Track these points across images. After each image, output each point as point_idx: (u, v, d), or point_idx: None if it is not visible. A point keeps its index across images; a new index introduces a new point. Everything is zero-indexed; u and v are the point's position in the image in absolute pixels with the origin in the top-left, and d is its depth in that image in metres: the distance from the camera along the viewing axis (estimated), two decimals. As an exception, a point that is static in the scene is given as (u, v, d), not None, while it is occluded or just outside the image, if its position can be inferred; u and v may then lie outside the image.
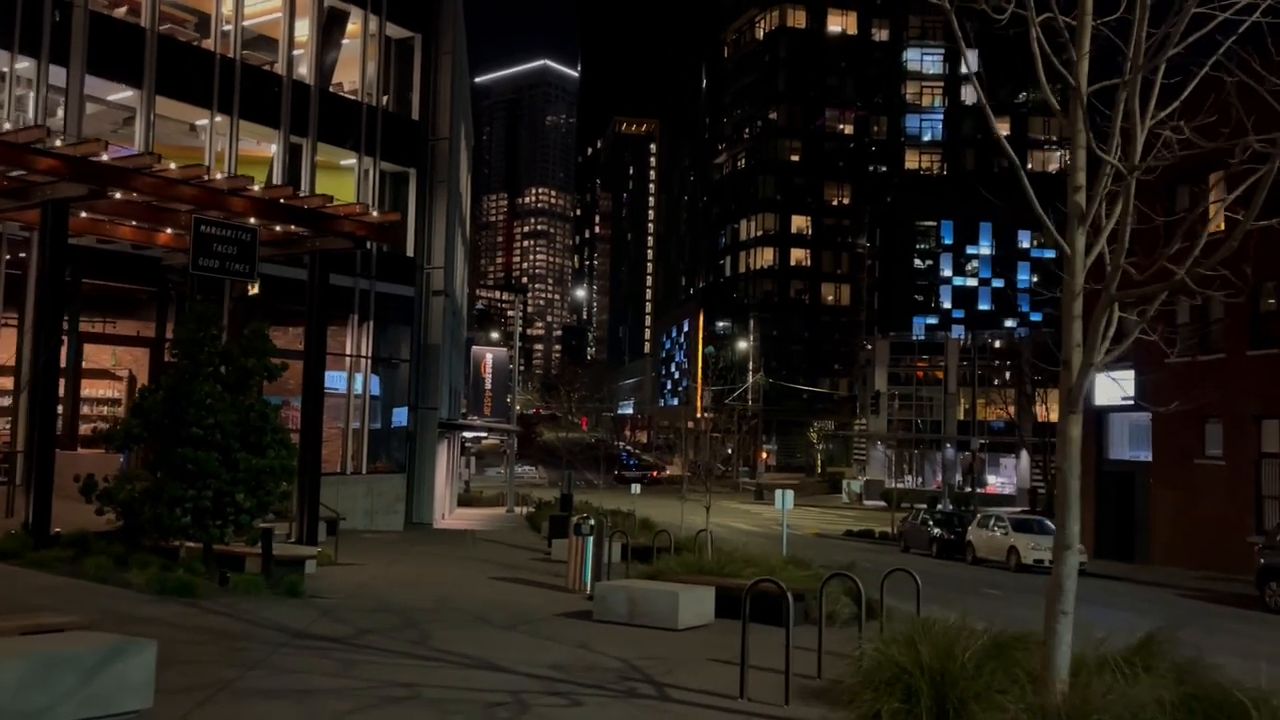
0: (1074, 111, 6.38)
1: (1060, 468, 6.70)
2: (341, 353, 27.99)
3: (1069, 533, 6.50)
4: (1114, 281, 6.71)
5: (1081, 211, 6.68)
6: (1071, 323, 6.66)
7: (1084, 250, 6.72)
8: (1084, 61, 6.25)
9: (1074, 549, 6.49)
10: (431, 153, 31.92)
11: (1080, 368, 6.66)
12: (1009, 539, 27.43)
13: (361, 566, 17.80)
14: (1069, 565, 6.43)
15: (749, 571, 13.07)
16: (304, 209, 17.40)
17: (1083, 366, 6.64)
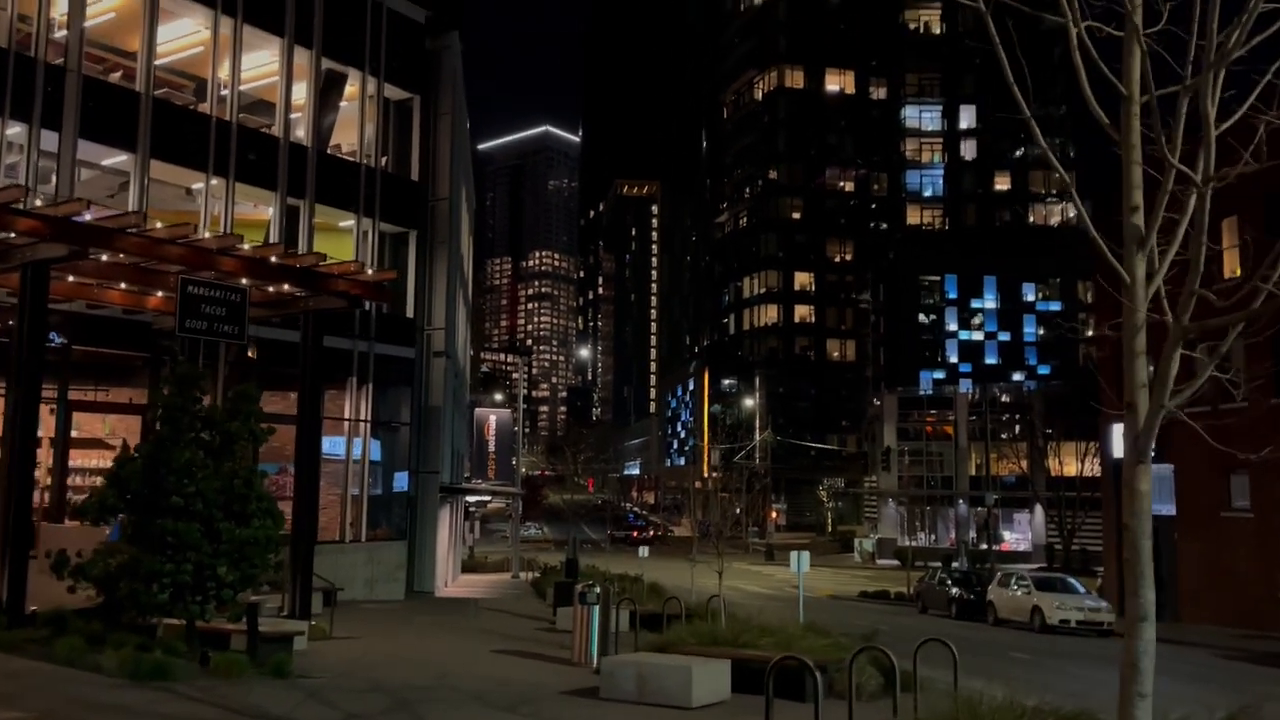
0: (1127, 122, 5.78)
1: (1129, 526, 5.96)
2: (340, 416, 27.32)
3: (1143, 602, 5.73)
4: (1187, 310, 6.01)
5: (1140, 235, 6.03)
6: (1135, 360, 5.96)
7: (1145, 278, 6.02)
8: (1136, 66, 5.64)
9: (1149, 620, 5.72)
10: (431, 213, 31.59)
11: (1149, 411, 5.95)
12: (1032, 598, 26.41)
13: (357, 640, 16.95)
14: (1145, 640, 5.65)
15: (766, 641, 12.24)
16: (296, 268, 16.88)
17: (1152, 409, 5.93)
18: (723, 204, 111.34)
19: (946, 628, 27.39)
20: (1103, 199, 34.46)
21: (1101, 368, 34.57)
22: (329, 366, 26.52)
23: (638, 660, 10.92)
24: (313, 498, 18.02)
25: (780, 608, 25.89)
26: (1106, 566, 32.69)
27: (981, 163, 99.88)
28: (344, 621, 19.33)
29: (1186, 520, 28.71)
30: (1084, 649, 22.49)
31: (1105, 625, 25.41)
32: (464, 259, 41.43)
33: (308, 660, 13.75)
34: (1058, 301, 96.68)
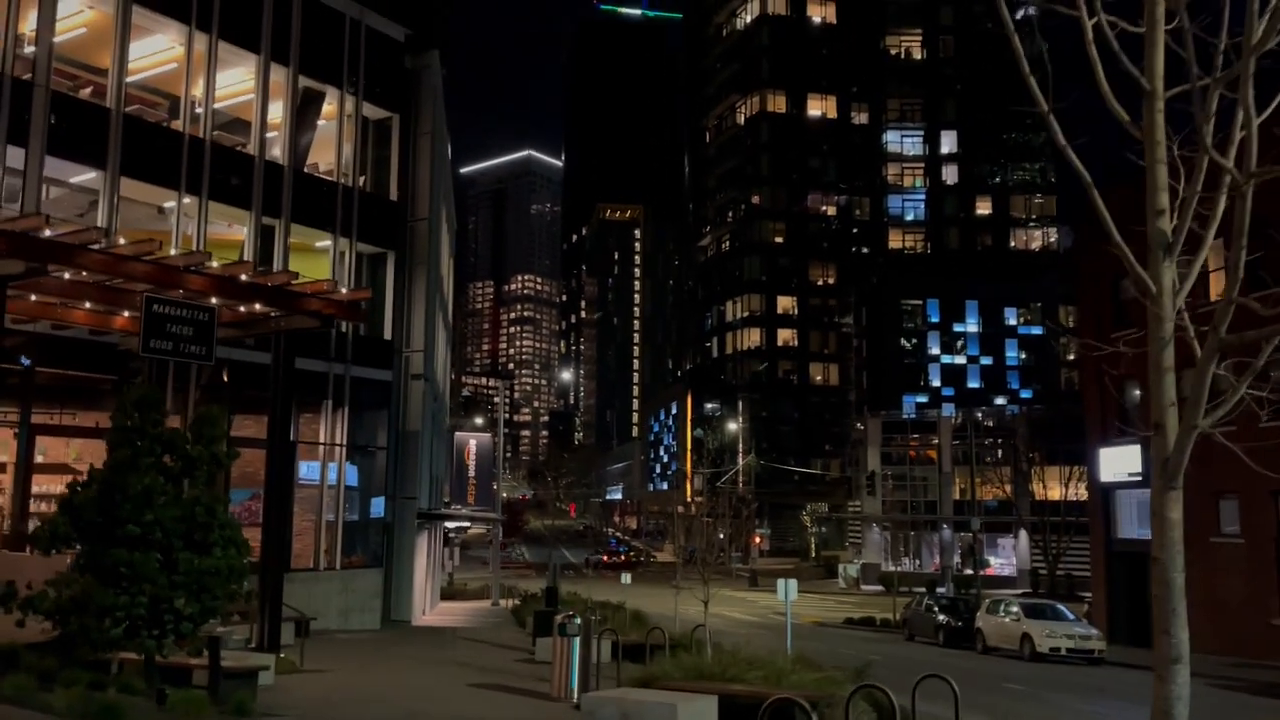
0: (1150, 119, 5.36)
1: (1158, 559, 5.49)
2: (315, 441, 26.69)
3: (1175, 642, 5.23)
4: (1225, 321, 5.56)
5: (1167, 239, 5.60)
6: (1163, 377, 5.52)
7: (1172, 287, 5.58)
8: (1159, 59, 5.24)
9: (1183, 662, 5.23)
10: (410, 234, 31.11)
11: (1179, 431, 5.49)
12: (1021, 626, 25.94)
13: (328, 674, 16.29)
14: (1178, 684, 5.15)
15: (754, 675, 11.71)
16: (267, 286, 16.34)
17: (1183, 430, 5.48)
18: (705, 228, 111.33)
19: (935, 656, 26.87)
20: (1090, 212, 34.42)
21: (1085, 391, 34.41)
22: (304, 389, 25.93)
23: (620, 696, 10.36)
24: (282, 524, 17.40)
25: (767, 636, 25.40)
26: (1094, 592, 32.30)
27: (963, 187, 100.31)
28: (316, 653, 18.66)
29: (1176, 545, 28.35)
30: (1078, 679, 22.02)
31: (1096, 653, 24.96)
32: (444, 280, 40.91)
33: (274, 696, 13.11)
34: (1039, 326, 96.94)
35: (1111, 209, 8.01)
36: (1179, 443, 5.41)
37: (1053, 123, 5.49)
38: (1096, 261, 32.24)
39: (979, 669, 23.10)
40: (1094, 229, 32.70)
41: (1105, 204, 25.96)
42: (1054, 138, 5.49)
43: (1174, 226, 5.54)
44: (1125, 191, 25.07)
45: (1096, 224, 24.81)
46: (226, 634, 17.22)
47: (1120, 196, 26.37)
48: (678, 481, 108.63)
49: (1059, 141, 5.52)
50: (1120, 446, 30.57)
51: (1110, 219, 6.04)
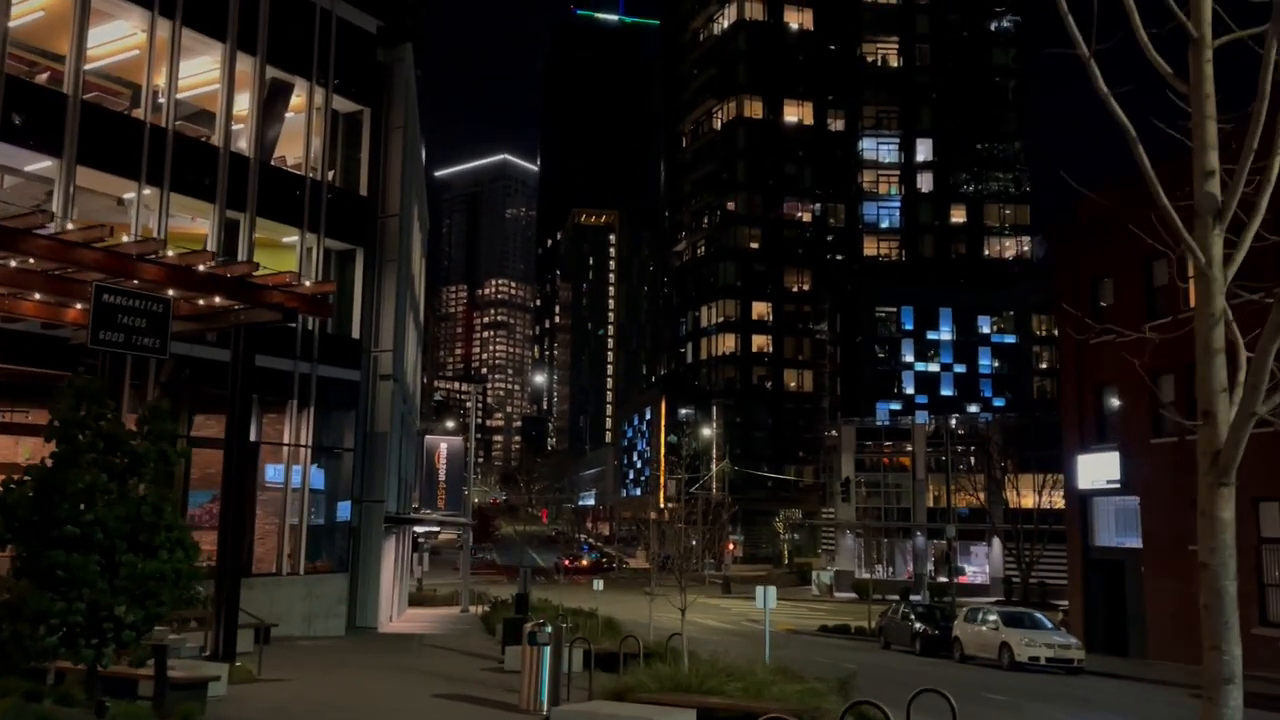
0: (1198, 70, 4.83)
1: (1207, 564, 4.95)
2: (279, 442, 25.91)
3: (1228, 659, 4.66)
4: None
5: (1216, 205, 5.05)
6: (1213, 359, 4.96)
7: (1223, 258, 5.06)
8: (1207, 3, 4.72)
9: (1236, 683, 4.68)
10: (381, 230, 30.38)
11: (1235, 419, 4.94)
12: (1000, 634, 25.53)
13: (286, 683, 15.58)
14: (1231, 708, 4.57)
15: (733, 687, 11.14)
16: (226, 278, 15.63)
17: (1239, 417, 4.92)
18: (681, 233, 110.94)
19: (912, 665, 26.44)
20: (1071, 215, 34.26)
21: (1063, 398, 34.20)
22: (268, 389, 25.18)
23: (592, 710, 9.76)
24: (240, 527, 16.68)
25: (742, 644, 24.82)
26: (1071, 600, 32.02)
27: (938, 195, 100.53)
28: (276, 661, 17.93)
29: (1154, 554, 28.10)
30: (1058, 688, 21.63)
31: (1075, 662, 24.58)
32: (415, 280, 40.17)
33: (225, 708, 12.42)
34: (1012, 334, 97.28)
35: (1095, 210, 7.41)
36: (1234, 432, 4.86)
37: (1094, 69, 4.94)
38: (1076, 264, 32.04)
39: (957, 678, 22.63)
40: (1076, 231, 32.46)
41: (1089, 205, 25.68)
42: (1095, 85, 4.95)
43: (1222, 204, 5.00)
44: (1107, 190, 24.48)
45: (1078, 226, 24.37)
46: (179, 642, 16.49)
47: (1103, 197, 25.63)
48: (651, 487, 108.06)
49: (1100, 90, 4.98)
50: (1099, 453, 30.30)
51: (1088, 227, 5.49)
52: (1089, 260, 31.36)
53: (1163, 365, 27.77)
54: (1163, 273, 27.97)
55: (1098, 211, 31.27)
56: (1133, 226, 7.08)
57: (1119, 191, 32.00)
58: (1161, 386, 28.05)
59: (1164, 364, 27.70)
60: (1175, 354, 26.57)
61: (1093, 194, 29.28)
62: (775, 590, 16.67)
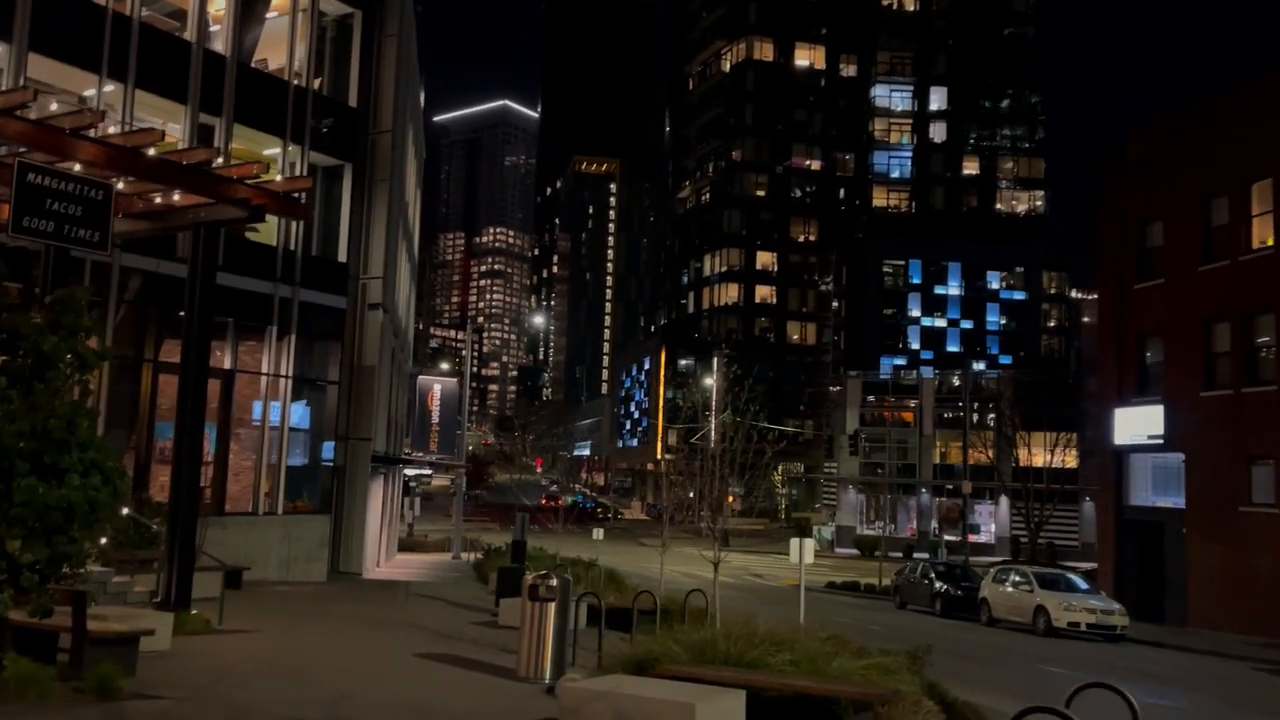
0: None
1: None
2: (256, 371, 23.70)
3: None
4: None
5: None
6: None
7: None
8: None
9: None
10: (371, 147, 27.97)
11: None
12: (1035, 597, 23.57)
13: (248, 635, 13.54)
14: None
15: (781, 659, 9.07)
16: (180, 165, 13.31)
17: None
18: (685, 180, 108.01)
19: (937, 627, 24.57)
20: (1118, 154, 31.80)
21: (1101, 349, 32.06)
22: (244, 311, 22.96)
23: (612, 689, 7.66)
24: (195, 459, 14.52)
25: (749, 600, 22.85)
26: (1100, 562, 30.13)
27: (950, 146, 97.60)
28: (243, 609, 15.89)
29: (1199, 515, 26.14)
30: (1114, 659, 19.67)
31: (1118, 629, 22.68)
32: (409, 208, 37.74)
33: (161, 668, 10.34)
34: (1022, 291, 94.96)
35: (1143, 150, 5.58)
36: None
37: None
38: (1120, 208, 29.73)
39: (990, 642, 20.75)
40: (1122, 172, 30.11)
41: (1137, 145, 23.14)
42: None
43: None
44: (1158, 129, 22.20)
45: (1125, 167, 21.93)
46: (125, 585, 14.44)
47: (1153, 135, 23.53)
48: (648, 438, 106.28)
49: None
50: (1139, 407, 28.23)
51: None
52: (1136, 202, 29.05)
53: (1218, 312, 25.66)
54: (1222, 212, 25.75)
55: (1147, 151, 28.96)
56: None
57: (1171, 129, 29.71)
58: (1216, 336, 25.94)
59: (1220, 311, 25.59)
60: (1233, 300, 24.43)
61: (1147, 126, 26.81)
62: (813, 544, 14.64)
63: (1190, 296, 26.43)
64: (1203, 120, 26.83)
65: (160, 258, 20.86)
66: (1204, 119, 26.89)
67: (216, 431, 22.73)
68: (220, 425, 22.71)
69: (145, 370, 21.61)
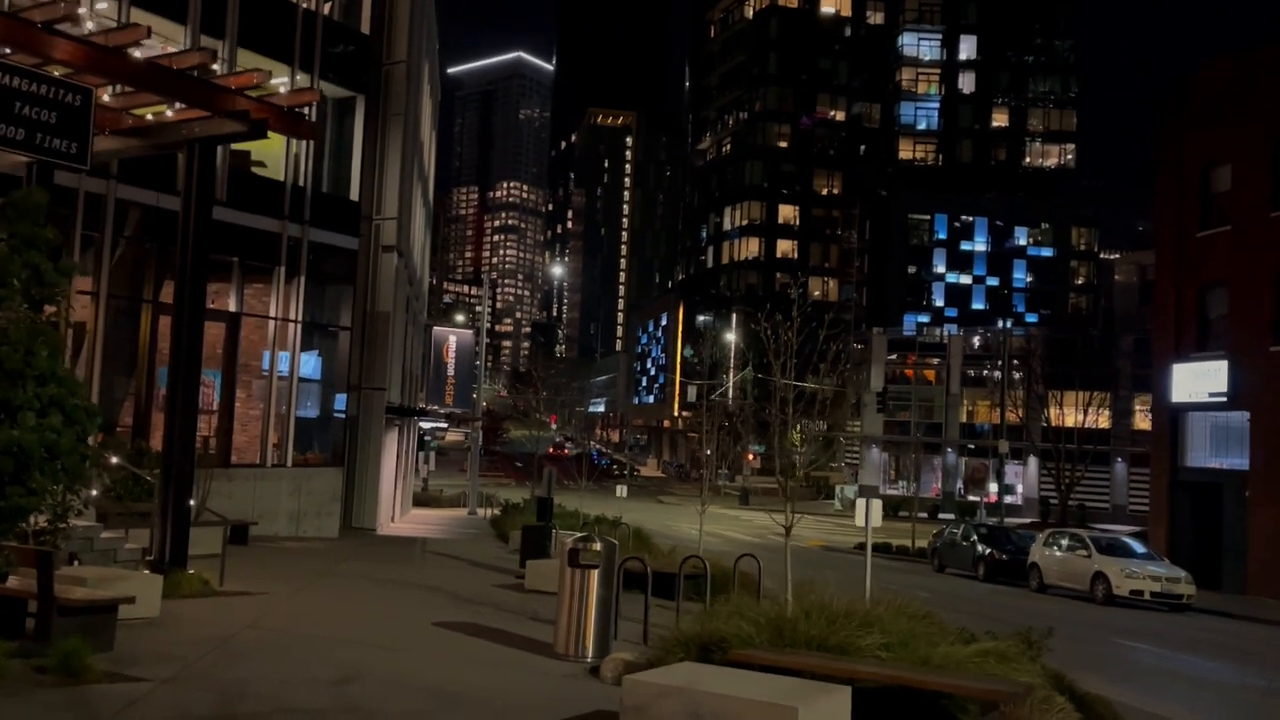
0: None
1: None
2: (264, 315, 22.27)
3: None
4: None
5: None
6: None
7: None
8: None
9: None
10: (385, 79, 26.31)
11: None
12: (1093, 563, 22.07)
13: (250, 598, 12.21)
14: None
15: (872, 641, 7.61)
16: (170, 70, 11.74)
17: None
18: (705, 131, 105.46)
19: (985, 593, 23.21)
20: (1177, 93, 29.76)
21: (1156, 302, 30.32)
22: (250, 251, 21.48)
23: (688, 682, 6.20)
24: (191, 404, 13.08)
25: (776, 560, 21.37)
26: (1153, 526, 28.62)
27: (980, 97, 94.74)
28: (248, 567, 14.61)
29: (1263, 477, 24.56)
30: (1192, 632, 18.25)
31: (1185, 598, 21.22)
32: (425, 149, 36.06)
33: (152, 636, 8.99)
34: (1050, 248, 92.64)
35: (1208, 87, 4.23)
36: None
37: None
38: (1181, 151, 27.82)
39: (1046, 610, 19.32)
40: (1183, 112, 28.16)
41: (1200, 82, 21.05)
42: None
43: None
44: (1225, 64, 20.01)
45: (1186, 107, 19.91)
46: (115, 542, 13.09)
47: (1219, 71, 21.47)
48: (664, 395, 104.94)
49: None
50: (1200, 362, 26.55)
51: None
52: (1199, 144, 27.12)
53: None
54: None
55: (1213, 89, 27.00)
56: None
57: (1242, 64, 27.63)
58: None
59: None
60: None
61: (1210, 63, 24.67)
62: (879, 505, 13.18)
63: (1261, 244, 24.65)
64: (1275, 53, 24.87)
65: (160, 190, 19.36)
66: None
67: (221, 379, 21.40)
68: (225, 372, 21.36)
69: (145, 312, 20.22)
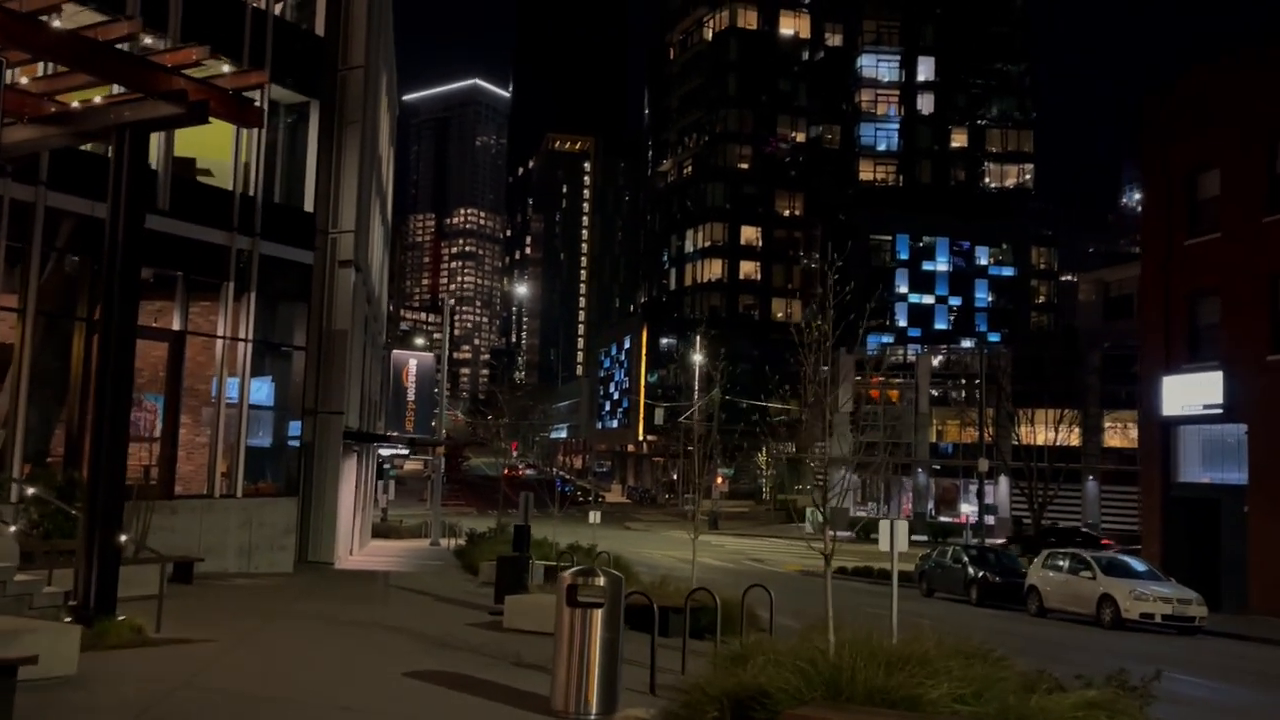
0: None
1: None
2: (211, 333, 20.62)
3: None
4: None
5: None
6: None
7: None
8: None
9: None
10: (341, 85, 24.91)
11: None
12: (1098, 585, 20.96)
13: (191, 647, 10.63)
14: None
15: (942, 691, 6.28)
16: (95, 40, 10.28)
17: None
18: (666, 153, 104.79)
19: (979, 618, 21.99)
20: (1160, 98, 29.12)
21: (1144, 311, 29.60)
22: (196, 264, 19.89)
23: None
24: (119, 429, 11.50)
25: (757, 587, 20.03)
26: (1146, 544, 27.68)
27: (938, 118, 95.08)
28: (192, 609, 13.01)
29: (1264, 492, 23.70)
30: (1216, 656, 17.17)
31: (1197, 620, 20.17)
32: (383, 163, 34.59)
33: (63, 702, 7.43)
34: (1011, 267, 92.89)
35: (1194, 91, 3.56)
36: None
37: None
38: (1168, 157, 27.14)
39: (1063, 639, 18.17)
40: (1168, 117, 27.50)
41: (1185, 85, 19.98)
42: None
43: None
44: (1211, 67, 19.00)
45: (1172, 111, 18.89)
46: (32, 585, 11.44)
47: (1202, 75, 20.57)
48: (628, 419, 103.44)
49: None
50: (1193, 374, 25.73)
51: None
52: (1185, 148, 26.45)
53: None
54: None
55: (1199, 93, 26.37)
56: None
57: (1229, 67, 27.04)
58: None
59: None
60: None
61: (1187, 71, 23.80)
62: (906, 526, 11.92)
63: (1255, 250, 23.93)
64: (1271, 55, 24.25)
65: (96, 199, 17.65)
66: (1273, 54, 24.29)
67: (165, 403, 19.71)
68: (169, 395, 19.66)
69: (78, 331, 18.54)
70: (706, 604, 11.51)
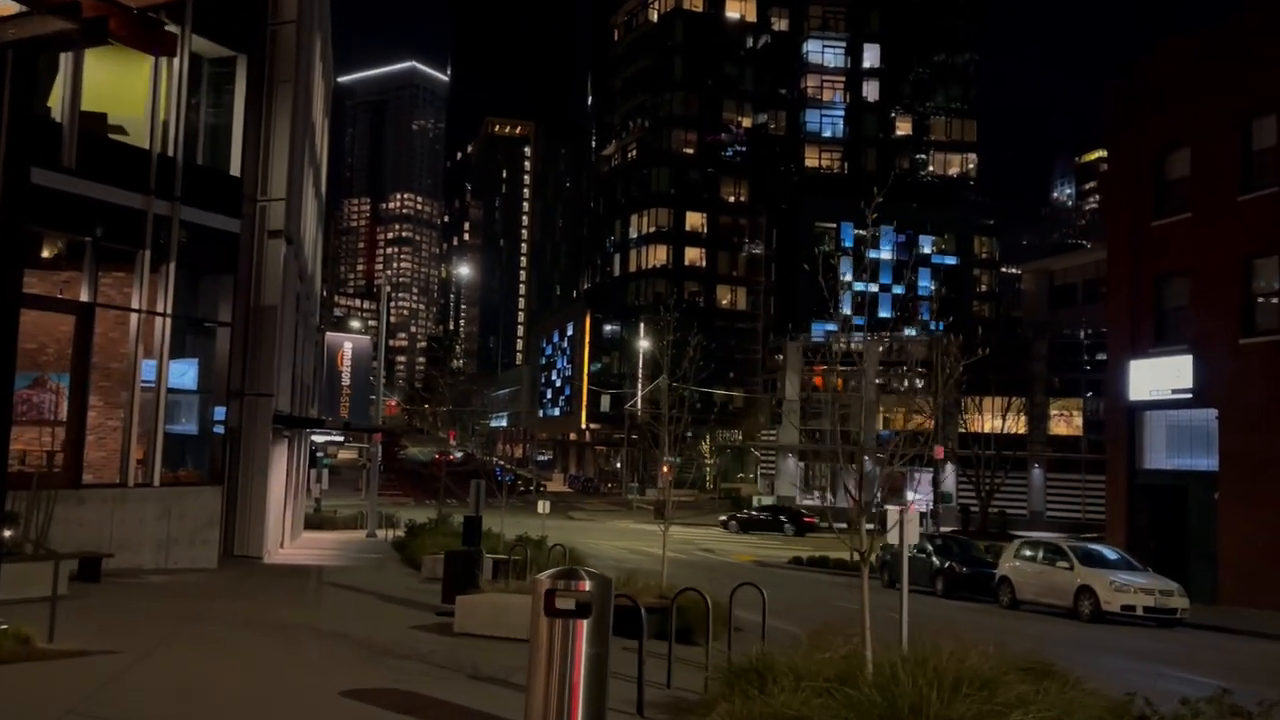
0: None
1: None
2: (125, 306, 18.75)
3: None
4: None
5: None
6: None
7: None
8: None
9: None
10: (272, 40, 23.03)
11: None
12: (1076, 576, 20.10)
13: (87, 660, 9.03)
14: None
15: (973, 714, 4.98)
16: (-34, -64, 8.55)
17: None
18: (610, 136, 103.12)
19: (949, 610, 21.05)
20: (1126, 77, 28.48)
21: (1111, 294, 28.99)
22: (108, 230, 18.01)
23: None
24: (3, 403, 9.76)
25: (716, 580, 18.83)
26: (1111, 533, 27.06)
27: (884, 105, 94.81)
28: (97, 612, 11.38)
29: (1236, 478, 23.12)
30: (1202, 650, 16.35)
31: (1178, 613, 19.40)
32: (316, 131, 32.62)
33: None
34: (954, 255, 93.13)
35: (1163, 69, 2.88)
36: None
37: None
38: (1135, 136, 26.44)
39: (1040, 633, 17.21)
40: (1136, 96, 26.80)
41: (1153, 63, 18.64)
42: None
43: None
44: (1177, 46, 17.91)
45: (1139, 90, 17.67)
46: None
47: (1171, 53, 19.53)
48: (571, 408, 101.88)
49: None
50: (1160, 358, 25.08)
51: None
52: (1156, 128, 25.77)
53: (1264, 246, 22.51)
54: (1269, 133, 22.57)
55: (1167, 71, 25.68)
56: None
57: (1199, 44, 26.39)
58: (1259, 274, 22.83)
59: (1266, 244, 22.44)
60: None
61: (1160, 43, 22.84)
62: (917, 521, 10.71)
63: (1226, 231, 23.31)
64: (1248, 30, 23.58)
65: None
66: (1250, 28, 23.63)
67: (71, 382, 17.83)
68: (76, 374, 17.78)
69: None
70: (692, 604, 10.15)
